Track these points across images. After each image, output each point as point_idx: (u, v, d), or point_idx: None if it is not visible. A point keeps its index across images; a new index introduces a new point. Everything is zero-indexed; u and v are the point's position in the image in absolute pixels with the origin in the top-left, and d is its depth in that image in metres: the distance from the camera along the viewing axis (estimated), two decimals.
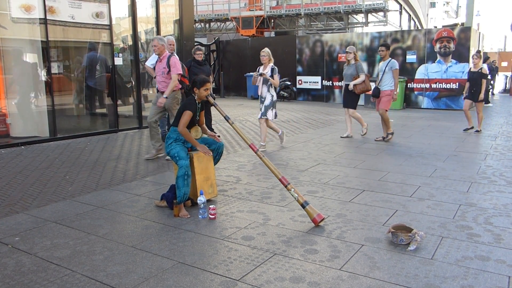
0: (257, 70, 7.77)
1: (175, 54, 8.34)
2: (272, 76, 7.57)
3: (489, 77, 9.84)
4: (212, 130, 8.92)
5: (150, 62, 8.06)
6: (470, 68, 9.80)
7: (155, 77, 8.07)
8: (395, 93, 8.43)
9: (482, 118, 9.74)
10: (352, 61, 8.73)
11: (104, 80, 9.80)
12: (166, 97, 6.63)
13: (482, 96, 9.45)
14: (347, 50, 8.80)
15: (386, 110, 8.45)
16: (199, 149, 4.57)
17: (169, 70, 6.71)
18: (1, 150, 7.65)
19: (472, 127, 9.70)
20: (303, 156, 7.17)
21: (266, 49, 7.84)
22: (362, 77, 8.56)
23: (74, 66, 9.66)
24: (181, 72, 6.85)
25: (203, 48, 8.97)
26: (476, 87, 9.45)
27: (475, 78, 9.47)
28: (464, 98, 9.96)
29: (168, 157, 6.72)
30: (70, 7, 8.72)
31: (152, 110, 6.91)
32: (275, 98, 7.67)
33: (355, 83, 8.57)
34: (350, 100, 8.83)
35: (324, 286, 3.00)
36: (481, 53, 9.70)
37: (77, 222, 4.25)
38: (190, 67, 8.30)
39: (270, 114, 7.63)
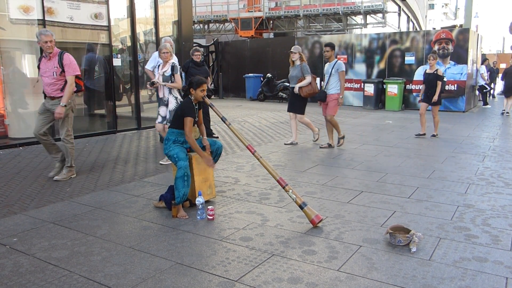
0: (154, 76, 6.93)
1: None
2: (171, 76, 6.55)
3: (444, 79, 9.29)
4: (211, 131, 8.94)
5: (150, 65, 8.06)
6: (426, 70, 9.25)
7: (151, 83, 8.07)
8: (341, 97, 7.82)
9: (438, 122, 9.27)
10: (298, 62, 8.08)
11: (102, 81, 9.79)
12: (65, 105, 5.64)
13: (436, 98, 8.89)
14: (291, 50, 8.13)
15: (334, 115, 7.91)
16: (203, 160, 4.58)
17: (63, 70, 5.63)
18: None
19: (424, 134, 9.16)
20: (301, 157, 7.17)
21: (167, 44, 6.68)
22: (308, 79, 7.92)
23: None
24: (79, 72, 5.78)
25: (201, 49, 8.95)
26: (431, 90, 8.94)
27: (431, 80, 8.97)
28: (419, 101, 9.47)
29: (161, 162, 6.65)
30: (69, 8, 8.72)
31: (38, 121, 5.84)
32: (178, 100, 6.60)
33: (300, 85, 7.92)
34: (297, 104, 8.13)
35: (322, 286, 3.01)
36: (436, 54, 9.10)
37: (75, 223, 4.25)
38: (188, 68, 8.31)
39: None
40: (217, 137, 8.87)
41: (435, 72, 8.89)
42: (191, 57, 8.45)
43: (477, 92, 16.60)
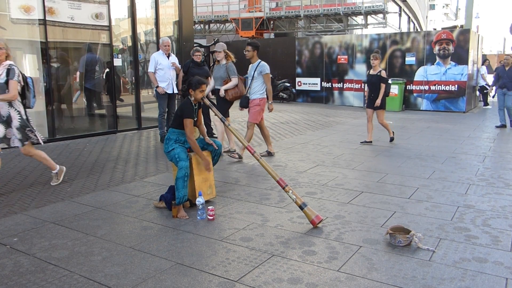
0: None
1: (173, 55, 8.36)
2: (6, 83, 4.97)
3: (389, 81, 8.54)
4: (211, 129, 8.94)
5: (152, 68, 8.05)
6: (369, 72, 8.57)
7: (157, 87, 8.09)
8: (269, 102, 7.11)
9: (387, 125, 8.57)
10: (223, 61, 7.31)
11: (102, 81, 9.79)
12: None
13: (379, 102, 8.17)
14: (215, 49, 7.42)
15: (255, 123, 7.04)
16: (202, 162, 4.60)
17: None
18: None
19: (371, 141, 8.39)
20: (301, 158, 7.17)
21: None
22: (234, 81, 7.15)
23: (73, 67, 9.66)
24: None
25: (202, 49, 8.95)
26: (375, 93, 8.22)
27: (374, 82, 8.26)
28: (366, 107, 8.65)
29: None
30: (70, 8, 8.73)
31: None
32: (23, 114, 5.19)
33: (226, 87, 7.16)
34: (220, 108, 7.10)
35: (322, 287, 3.01)
36: (379, 54, 8.35)
37: (76, 223, 4.25)
38: (188, 68, 8.31)
39: (23, 139, 5.18)
40: (217, 137, 8.86)
41: (379, 74, 8.22)
42: (191, 57, 8.45)
43: (477, 93, 16.59)
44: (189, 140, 4.48)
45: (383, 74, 8.26)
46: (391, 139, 8.53)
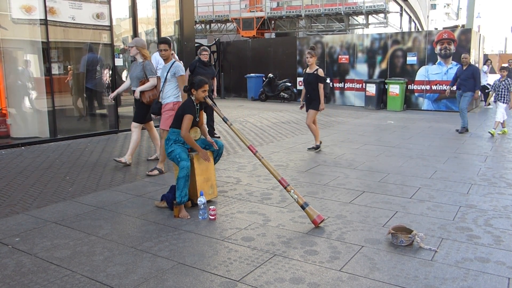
0: None
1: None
2: None
3: (328, 80, 7.74)
4: (213, 129, 8.94)
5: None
6: (305, 70, 7.81)
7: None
8: None
9: (316, 129, 7.68)
10: (139, 59, 6.52)
11: (103, 81, 9.80)
12: None
13: (322, 106, 7.48)
14: (128, 44, 6.52)
15: (166, 130, 5.82)
16: (199, 154, 4.58)
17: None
18: (1, 150, 7.65)
19: (318, 147, 7.56)
20: (303, 157, 7.17)
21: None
22: (152, 81, 6.37)
23: (74, 67, 9.67)
24: None
25: (208, 49, 8.94)
26: (311, 93, 7.50)
27: (310, 82, 7.52)
28: (307, 109, 7.75)
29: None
30: (71, 8, 8.73)
31: None
32: None
33: (142, 89, 6.36)
34: (136, 112, 6.60)
35: (324, 287, 3.01)
36: (315, 51, 7.59)
37: (77, 222, 4.25)
38: (195, 67, 8.31)
39: None
40: (219, 137, 8.87)
41: (315, 73, 7.47)
42: (197, 57, 8.43)
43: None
44: (183, 135, 4.47)
45: (320, 72, 7.48)
46: (317, 147, 7.60)
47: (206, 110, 5.05)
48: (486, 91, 16.34)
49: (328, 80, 8.14)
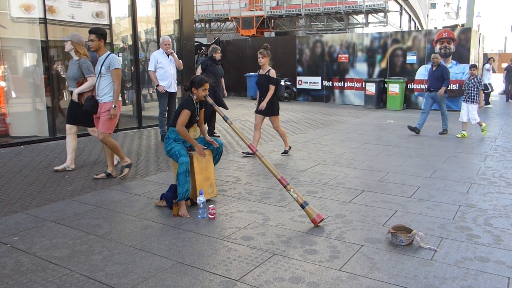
0: None
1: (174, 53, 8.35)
2: None
3: (283, 82, 7.10)
4: (212, 128, 8.93)
5: (152, 66, 8.02)
6: (258, 71, 7.32)
7: (158, 85, 8.04)
8: (113, 106, 5.37)
9: (284, 134, 7.34)
10: (75, 57, 5.89)
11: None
12: None
13: (263, 105, 6.90)
14: (64, 38, 6.06)
15: (110, 134, 5.56)
16: (195, 149, 4.57)
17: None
18: (0, 149, 7.64)
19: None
20: (302, 157, 7.16)
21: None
22: (91, 81, 5.76)
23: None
24: None
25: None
26: (264, 96, 6.99)
27: (262, 84, 7.06)
28: (255, 112, 7.22)
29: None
30: (70, 6, 8.72)
31: None
32: None
33: (80, 90, 5.80)
34: (75, 114, 5.98)
35: (323, 286, 3.00)
36: (267, 51, 7.15)
37: (76, 221, 4.24)
38: (207, 66, 8.51)
39: None
40: (218, 136, 8.86)
41: (267, 74, 7.00)
42: (211, 54, 8.66)
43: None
44: (179, 131, 4.45)
45: (272, 73, 6.98)
46: (285, 152, 7.28)
47: (205, 112, 5.00)
48: (486, 91, 16.34)
49: (283, 82, 7.66)
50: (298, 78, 17.11)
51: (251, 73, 17.93)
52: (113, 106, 5.41)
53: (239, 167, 6.42)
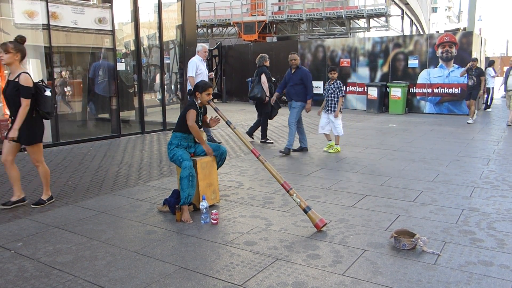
0: None
1: (203, 61, 8.27)
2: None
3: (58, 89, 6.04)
4: (212, 136, 8.94)
5: (193, 72, 8.00)
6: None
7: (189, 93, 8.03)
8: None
9: (46, 172, 5.14)
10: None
11: (106, 85, 9.82)
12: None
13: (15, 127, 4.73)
14: None
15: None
16: (204, 148, 4.65)
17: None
18: None
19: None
20: (305, 161, 7.16)
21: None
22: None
23: (76, 72, 9.71)
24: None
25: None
26: (15, 107, 4.78)
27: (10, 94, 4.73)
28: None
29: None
30: (73, 13, 8.77)
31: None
32: None
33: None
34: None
35: None
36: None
37: (80, 227, 4.25)
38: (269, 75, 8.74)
39: None
40: (220, 142, 8.87)
41: (16, 80, 4.62)
42: (261, 63, 8.86)
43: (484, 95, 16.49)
44: (191, 127, 4.55)
45: (23, 80, 4.62)
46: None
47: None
48: (486, 96, 16.31)
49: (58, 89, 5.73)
50: None
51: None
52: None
53: (241, 172, 6.43)
